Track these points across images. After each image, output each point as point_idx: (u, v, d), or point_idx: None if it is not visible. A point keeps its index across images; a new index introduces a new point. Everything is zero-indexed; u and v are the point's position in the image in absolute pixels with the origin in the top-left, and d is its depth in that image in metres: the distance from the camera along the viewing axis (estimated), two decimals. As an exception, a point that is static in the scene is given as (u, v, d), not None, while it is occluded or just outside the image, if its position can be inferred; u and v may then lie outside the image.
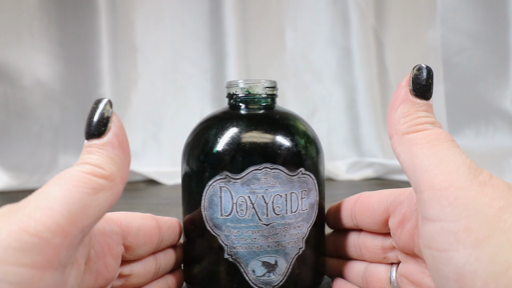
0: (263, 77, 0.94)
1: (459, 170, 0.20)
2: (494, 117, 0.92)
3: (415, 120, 0.23)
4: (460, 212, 0.19)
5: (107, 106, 0.22)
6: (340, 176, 0.92)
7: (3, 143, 0.88)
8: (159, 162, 0.94)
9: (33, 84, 0.89)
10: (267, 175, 0.28)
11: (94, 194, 0.20)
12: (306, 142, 0.30)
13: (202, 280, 0.30)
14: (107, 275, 0.24)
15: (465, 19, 0.92)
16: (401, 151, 0.23)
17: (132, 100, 0.94)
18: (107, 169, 0.21)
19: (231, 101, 0.32)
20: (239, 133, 0.29)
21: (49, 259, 0.18)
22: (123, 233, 0.25)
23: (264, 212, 0.28)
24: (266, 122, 0.30)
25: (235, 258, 0.29)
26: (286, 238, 0.29)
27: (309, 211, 0.30)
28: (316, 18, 0.96)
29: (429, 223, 0.20)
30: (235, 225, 0.28)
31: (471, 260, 0.18)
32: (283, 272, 0.29)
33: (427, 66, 0.24)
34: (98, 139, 0.21)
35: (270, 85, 0.31)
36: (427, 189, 0.20)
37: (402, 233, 0.26)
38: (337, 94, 0.97)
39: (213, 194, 0.28)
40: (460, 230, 0.19)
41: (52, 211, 0.18)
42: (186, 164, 0.30)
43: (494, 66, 0.92)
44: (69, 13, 0.90)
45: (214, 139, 0.29)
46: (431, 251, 0.20)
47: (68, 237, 0.19)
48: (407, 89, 0.24)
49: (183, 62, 0.95)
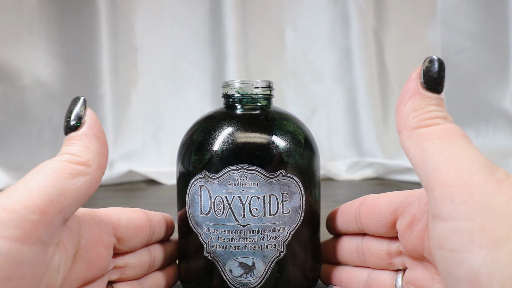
0: (263, 77, 0.94)
1: (473, 166, 0.19)
2: (494, 117, 0.92)
3: (426, 114, 0.22)
4: (476, 210, 0.18)
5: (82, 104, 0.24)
6: (340, 176, 0.92)
7: (3, 143, 0.88)
8: (159, 162, 0.94)
9: (33, 84, 0.89)
10: (244, 176, 0.28)
11: (71, 178, 0.21)
12: (291, 143, 0.30)
13: (188, 276, 0.31)
14: (100, 264, 0.25)
15: (465, 19, 0.92)
16: (410, 146, 0.22)
17: (132, 100, 0.94)
18: (83, 156, 0.22)
19: (226, 101, 0.32)
20: (223, 133, 0.29)
21: (26, 233, 0.19)
22: (113, 225, 0.27)
23: (241, 213, 0.28)
24: (250, 122, 0.30)
25: (214, 256, 0.29)
26: (264, 241, 0.29)
27: (291, 215, 0.29)
28: (316, 18, 0.96)
29: (441, 222, 0.19)
30: (213, 224, 0.29)
31: (487, 262, 0.17)
32: (261, 274, 0.29)
33: (439, 59, 0.23)
34: (74, 132, 0.23)
35: (264, 85, 0.31)
36: (439, 186, 0.19)
37: (411, 236, 0.25)
38: (337, 94, 0.97)
39: (195, 193, 0.29)
40: (475, 230, 0.18)
41: (29, 192, 0.20)
42: (180, 163, 0.31)
43: (494, 66, 0.92)
44: (69, 13, 0.90)
45: (199, 139, 0.30)
46: (443, 251, 0.19)
47: (46, 215, 0.20)
48: (418, 82, 0.22)
49: (183, 62, 0.95)
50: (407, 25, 0.95)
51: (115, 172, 0.90)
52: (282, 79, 0.96)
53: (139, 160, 0.94)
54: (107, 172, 0.90)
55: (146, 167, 0.92)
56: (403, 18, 0.95)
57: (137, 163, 0.93)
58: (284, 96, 0.96)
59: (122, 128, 0.94)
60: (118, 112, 0.93)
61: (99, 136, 0.24)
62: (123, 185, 0.89)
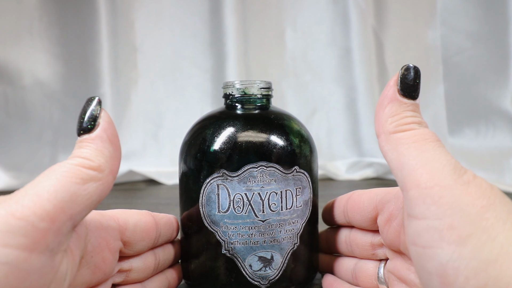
0: (263, 77, 0.94)
1: (444, 169, 0.21)
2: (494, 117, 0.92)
3: (402, 120, 0.23)
4: (445, 210, 0.20)
5: (96, 104, 0.23)
6: (340, 176, 0.92)
7: (3, 143, 0.88)
8: (159, 162, 0.94)
9: (33, 84, 0.89)
10: (263, 173, 0.29)
11: (82, 184, 0.21)
12: (300, 141, 0.31)
13: (200, 275, 0.31)
14: (105, 269, 0.25)
15: (465, 19, 0.92)
16: (388, 150, 0.23)
17: (132, 100, 0.94)
18: (95, 161, 0.22)
19: (227, 101, 0.33)
20: (236, 132, 0.30)
21: (35, 242, 0.19)
22: (120, 229, 0.26)
23: (260, 208, 0.29)
24: (262, 121, 0.31)
25: (233, 253, 0.30)
26: (281, 234, 0.30)
27: (303, 208, 0.31)
28: (316, 18, 0.96)
29: (414, 220, 0.21)
30: (232, 221, 0.29)
31: (454, 257, 0.19)
32: (278, 266, 0.30)
33: (414, 66, 0.24)
34: (88, 134, 0.23)
35: (265, 85, 0.32)
36: (413, 187, 0.21)
37: (389, 231, 0.27)
38: (337, 94, 0.97)
39: (211, 192, 0.29)
40: (444, 228, 0.19)
41: (39, 198, 0.19)
42: (183, 162, 0.31)
43: (494, 66, 0.92)
44: (69, 13, 0.90)
45: (211, 138, 0.30)
46: (416, 247, 0.21)
47: (55, 222, 0.19)
48: (395, 89, 0.24)
49: (183, 62, 0.95)
50: (407, 25, 0.95)
51: (115, 172, 0.90)
52: (282, 79, 0.96)
53: (139, 160, 0.94)
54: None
55: (146, 167, 0.92)
56: (403, 18, 0.95)
57: (137, 163, 0.93)
58: (284, 96, 0.96)
59: (122, 128, 0.94)
60: (118, 112, 0.93)
61: (113, 140, 0.23)
62: (123, 185, 0.89)
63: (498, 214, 0.19)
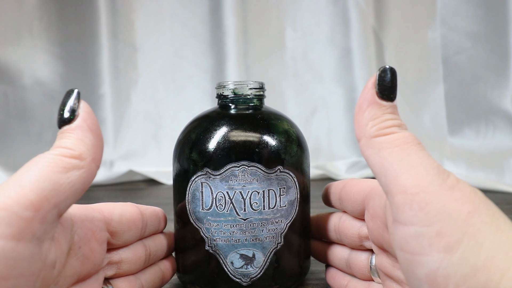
0: (263, 77, 0.94)
1: (428, 174, 0.21)
2: (494, 117, 0.92)
3: (383, 123, 0.23)
4: (432, 217, 0.20)
5: (76, 96, 0.24)
6: (340, 176, 0.92)
7: (3, 143, 0.88)
8: (159, 162, 0.94)
9: (33, 84, 0.89)
10: (245, 172, 0.30)
11: (65, 172, 0.21)
12: (286, 141, 0.31)
13: (188, 269, 0.32)
14: (94, 259, 0.25)
15: (465, 19, 0.92)
16: (370, 154, 0.23)
17: (132, 99, 0.94)
18: (76, 150, 0.22)
19: (220, 101, 0.33)
20: (221, 131, 0.31)
21: (21, 231, 0.19)
22: (105, 220, 0.27)
23: (242, 207, 0.30)
24: (248, 121, 0.31)
25: (215, 250, 0.30)
26: (263, 233, 0.30)
27: (288, 208, 0.31)
28: (316, 18, 0.96)
29: (401, 226, 0.21)
30: (215, 218, 0.30)
31: (443, 265, 0.19)
32: (260, 265, 0.30)
33: (391, 68, 0.24)
34: (68, 125, 0.23)
35: (256, 86, 0.32)
36: (399, 193, 0.21)
37: (373, 227, 0.27)
38: (337, 94, 0.97)
39: (196, 189, 0.30)
40: (432, 235, 0.19)
41: (21, 188, 0.20)
42: (176, 160, 0.32)
43: (494, 66, 0.92)
44: (69, 13, 0.90)
45: (199, 137, 0.31)
46: (404, 253, 0.21)
47: (40, 211, 0.20)
48: (373, 91, 0.24)
49: (183, 62, 0.95)
50: (407, 25, 0.95)
51: (115, 172, 0.90)
52: (282, 79, 0.96)
53: (139, 160, 0.94)
54: (107, 172, 0.90)
55: (146, 167, 0.92)
56: (403, 18, 0.95)
57: (137, 163, 0.93)
58: (284, 96, 0.96)
59: (122, 128, 0.94)
60: (118, 112, 0.93)
61: (93, 129, 0.23)
62: (123, 185, 0.89)
63: (484, 218, 0.20)
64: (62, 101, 0.24)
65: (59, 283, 0.23)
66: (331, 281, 0.33)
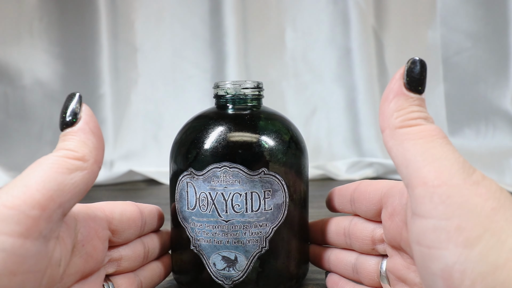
0: (263, 77, 0.94)
1: (452, 168, 0.20)
2: (494, 117, 0.92)
3: (408, 115, 0.22)
4: (453, 210, 0.19)
5: (78, 100, 0.24)
6: (340, 176, 0.92)
7: (3, 143, 0.88)
8: (159, 162, 0.94)
9: (33, 84, 0.89)
10: (226, 173, 0.29)
11: (69, 173, 0.22)
12: (275, 142, 0.30)
13: (178, 267, 0.33)
14: (97, 257, 0.26)
15: (465, 19, 0.92)
16: (393, 145, 0.22)
17: (132, 100, 0.94)
18: (79, 152, 0.23)
19: (217, 101, 0.33)
20: (207, 132, 0.30)
21: (28, 229, 0.20)
22: (107, 218, 0.27)
23: (224, 208, 0.29)
24: (234, 122, 0.31)
25: (199, 250, 0.30)
26: (246, 236, 0.30)
27: (274, 212, 0.30)
28: (316, 18, 0.96)
29: (420, 219, 0.20)
30: (198, 219, 0.30)
31: (461, 260, 0.18)
32: (243, 268, 0.30)
33: (421, 60, 0.23)
34: (70, 128, 0.24)
35: (252, 86, 0.32)
36: (420, 185, 0.20)
37: (391, 226, 0.26)
38: (337, 94, 0.97)
39: (182, 189, 0.31)
40: (452, 229, 0.19)
41: (28, 188, 0.20)
42: (173, 161, 0.33)
43: (494, 66, 0.92)
44: (69, 13, 0.90)
45: (187, 138, 0.31)
46: (420, 247, 0.20)
47: (46, 210, 0.20)
48: (401, 83, 0.23)
49: (183, 62, 0.95)
50: (407, 25, 0.95)
51: (115, 172, 0.90)
52: (282, 79, 0.96)
53: (139, 160, 0.94)
54: (107, 172, 0.90)
55: (146, 167, 0.92)
56: (403, 18, 0.95)
57: (137, 163, 0.93)
58: (284, 96, 0.96)
59: (122, 128, 0.94)
60: (118, 112, 0.93)
61: (95, 131, 0.24)
62: (123, 185, 0.89)
63: (508, 217, 0.19)
64: (64, 104, 0.24)
65: (63, 280, 0.23)
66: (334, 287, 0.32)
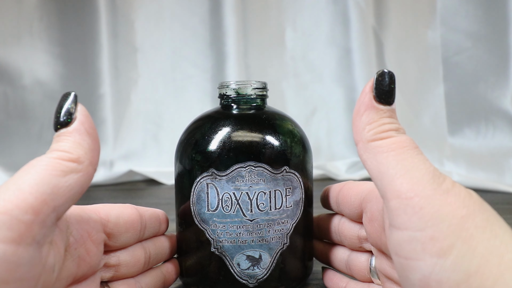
0: (263, 77, 0.94)
1: (423, 179, 0.21)
2: (494, 117, 0.92)
3: (380, 128, 0.23)
4: (426, 221, 0.20)
5: (73, 99, 0.23)
6: (340, 176, 0.92)
7: (3, 143, 0.88)
8: (159, 162, 0.94)
9: (33, 84, 0.89)
10: (251, 173, 0.29)
11: (63, 176, 0.21)
12: (292, 141, 0.31)
13: (192, 272, 0.32)
14: (90, 261, 0.25)
15: (465, 19, 0.92)
16: (367, 158, 0.23)
17: (132, 100, 0.94)
18: (74, 153, 0.22)
19: (222, 101, 0.33)
20: (226, 132, 0.30)
21: (21, 235, 0.19)
22: (102, 221, 0.27)
23: (248, 208, 0.29)
24: (253, 121, 0.31)
25: (221, 251, 0.30)
26: (270, 234, 0.30)
27: (293, 208, 0.31)
28: (316, 18, 0.96)
29: (396, 231, 0.21)
30: (221, 220, 0.30)
31: (436, 270, 0.19)
32: (267, 266, 0.30)
33: (389, 71, 0.24)
34: (65, 128, 0.23)
35: (259, 86, 0.32)
36: (394, 198, 0.21)
37: (371, 230, 0.27)
38: (337, 94, 0.97)
39: (201, 190, 0.30)
40: (426, 240, 0.19)
41: (21, 192, 0.19)
42: (178, 161, 0.32)
43: (494, 66, 0.92)
44: (69, 13, 0.90)
45: (203, 138, 0.31)
46: (399, 258, 0.21)
47: (39, 214, 0.20)
48: (370, 95, 0.23)
49: (183, 62, 0.95)
50: (407, 25, 0.95)
51: (115, 172, 0.90)
52: (282, 79, 0.96)
53: (139, 160, 0.94)
54: (107, 172, 0.90)
55: (146, 167, 0.92)
56: (403, 18, 0.95)
57: (137, 163, 0.93)
58: (284, 96, 0.96)
59: (122, 128, 0.94)
60: (118, 112, 0.93)
61: (90, 132, 0.23)
62: (123, 185, 0.89)
63: (478, 223, 0.19)
64: (59, 104, 0.23)
65: (55, 285, 0.22)
66: (329, 283, 0.32)
